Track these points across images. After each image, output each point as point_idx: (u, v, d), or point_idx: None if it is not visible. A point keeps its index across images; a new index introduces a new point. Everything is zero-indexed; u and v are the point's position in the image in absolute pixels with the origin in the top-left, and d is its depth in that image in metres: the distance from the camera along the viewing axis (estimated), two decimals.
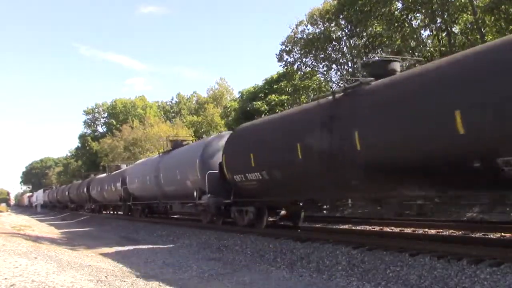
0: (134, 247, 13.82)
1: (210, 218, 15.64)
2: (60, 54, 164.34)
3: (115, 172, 30.84)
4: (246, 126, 14.31)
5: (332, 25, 30.80)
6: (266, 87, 40.79)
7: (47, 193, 63.79)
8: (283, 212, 13.07)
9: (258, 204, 12.78)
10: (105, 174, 34.87)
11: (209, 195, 14.13)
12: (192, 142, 20.94)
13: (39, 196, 69.36)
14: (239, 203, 13.45)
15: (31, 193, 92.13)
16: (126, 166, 31.16)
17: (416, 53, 25.76)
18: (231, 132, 15.59)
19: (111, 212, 34.15)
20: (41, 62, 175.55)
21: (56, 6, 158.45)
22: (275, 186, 11.44)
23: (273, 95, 38.07)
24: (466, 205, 9.95)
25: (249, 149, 12.24)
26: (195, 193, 15.37)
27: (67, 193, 46.59)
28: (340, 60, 31.94)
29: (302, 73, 33.49)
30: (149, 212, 23.90)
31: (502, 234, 9.51)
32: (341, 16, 28.54)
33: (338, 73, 32.74)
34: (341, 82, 32.80)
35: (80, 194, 39.00)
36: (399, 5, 25.46)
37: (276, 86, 38.84)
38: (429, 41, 26.50)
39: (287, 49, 33.35)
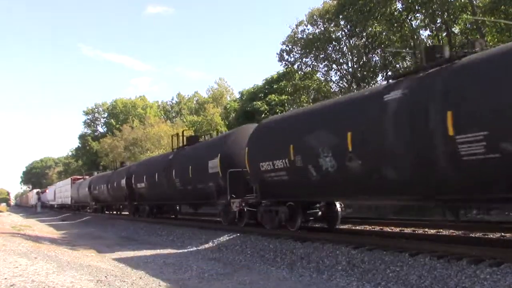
0: (134, 247, 13.83)
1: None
2: (63, 54, 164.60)
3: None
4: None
5: (332, 25, 30.79)
6: (266, 87, 40.79)
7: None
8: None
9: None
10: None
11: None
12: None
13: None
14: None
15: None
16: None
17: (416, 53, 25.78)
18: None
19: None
20: (43, 63, 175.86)
21: (61, 7, 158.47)
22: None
23: (273, 95, 38.06)
24: None
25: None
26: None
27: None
28: (340, 60, 31.93)
29: (302, 73, 33.49)
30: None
31: (502, 234, 9.50)
32: (341, 16, 28.53)
33: (338, 73, 32.75)
34: (341, 82, 32.83)
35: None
36: (399, 5, 25.47)
37: (276, 86, 38.84)
38: (429, 41, 26.48)
39: (288, 49, 33.37)
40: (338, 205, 11.82)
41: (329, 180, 9.59)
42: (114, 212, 32.17)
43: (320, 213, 11.89)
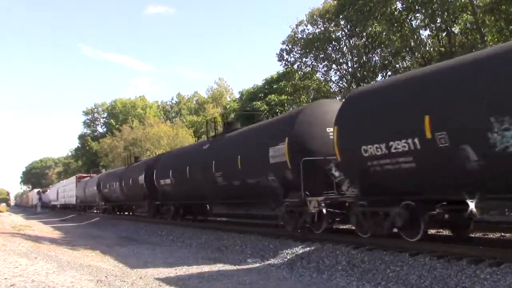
0: (134, 247, 13.82)
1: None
2: (63, 54, 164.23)
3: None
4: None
5: (332, 25, 30.81)
6: (266, 87, 40.82)
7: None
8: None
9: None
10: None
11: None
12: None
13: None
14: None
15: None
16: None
17: (416, 53, 25.80)
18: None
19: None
20: (43, 63, 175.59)
21: (61, 7, 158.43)
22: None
23: (273, 95, 38.08)
24: None
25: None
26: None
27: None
28: (340, 60, 31.95)
29: (302, 73, 33.52)
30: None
31: (502, 234, 9.51)
32: (341, 16, 28.55)
33: (338, 73, 32.78)
34: (340, 82, 32.85)
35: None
36: (399, 5, 25.48)
37: (276, 86, 38.87)
38: (429, 41, 26.50)
39: (288, 48, 33.40)
40: (472, 204, 7.41)
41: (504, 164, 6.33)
42: (126, 213, 29.28)
43: (446, 215, 8.18)
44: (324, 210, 9.87)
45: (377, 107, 8.64)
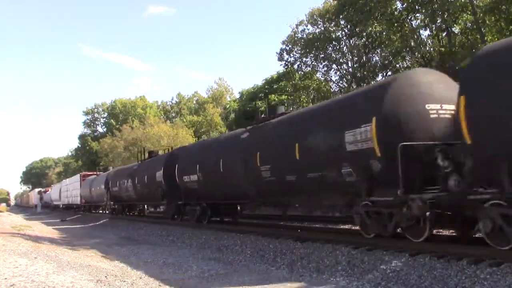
0: (134, 247, 13.81)
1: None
2: (63, 54, 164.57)
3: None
4: None
5: (332, 25, 30.81)
6: (266, 87, 40.84)
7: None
8: None
9: None
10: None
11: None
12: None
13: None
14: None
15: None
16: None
17: (416, 53, 25.80)
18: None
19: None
20: (43, 63, 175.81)
21: (61, 7, 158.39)
22: None
23: (273, 95, 38.09)
24: None
25: None
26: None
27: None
28: (340, 60, 31.95)
29: (302, 72, 33.52)
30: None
31: None
32: (341, 16, 28.54)
33: (338, 73, 32.78)
34: (340, 82, 32.84)
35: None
36: (399, 5, 25.47)
37: (276, 86, 38.88)
38: (429, 41, 26.49)
39: (288, 48, 33.40)
40: None
41: None
42: (135, 213, 26.89)
43: None
44: (427, 213, 7.59)
45: None
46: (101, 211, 32.89)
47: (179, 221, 18.23)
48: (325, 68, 32.98)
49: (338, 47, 31.51)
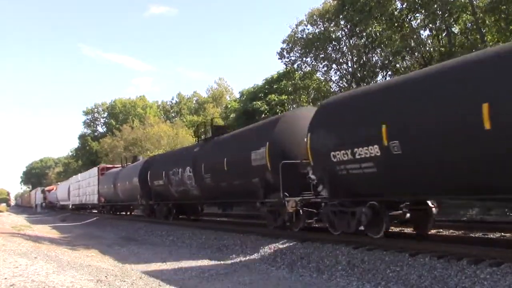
0: (134, 247, 13.82)
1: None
2: (63, 54, 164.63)
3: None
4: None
5: (332, 25, 30.80)
6: (266, 87, 40.78)
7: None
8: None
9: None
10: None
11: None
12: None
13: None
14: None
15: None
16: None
17: (416, 53, 25.80)
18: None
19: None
20: (43, 63, 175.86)
21: (61, 7, 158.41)
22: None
23: (273, 95, 38.04)
24: None
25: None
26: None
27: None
28: (340, 60, 31.93)
29: (302, 72, 33.51)
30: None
31: (502, 234, 9.50)
32: (341, 16, 28.53)
33: (338, 72, 32.76)
34: (340, 82, 32.83)
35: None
36: (399, 5, 25.47)
37: (276, 86, 38.83)
38: (429, 41, 26.48)
39: (288, 48, 33.39)
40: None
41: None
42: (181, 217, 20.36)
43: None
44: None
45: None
46: (140, 212, 25.19)
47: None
48: (325, 68, 32.98)
49: (338, 47, 31.49)
